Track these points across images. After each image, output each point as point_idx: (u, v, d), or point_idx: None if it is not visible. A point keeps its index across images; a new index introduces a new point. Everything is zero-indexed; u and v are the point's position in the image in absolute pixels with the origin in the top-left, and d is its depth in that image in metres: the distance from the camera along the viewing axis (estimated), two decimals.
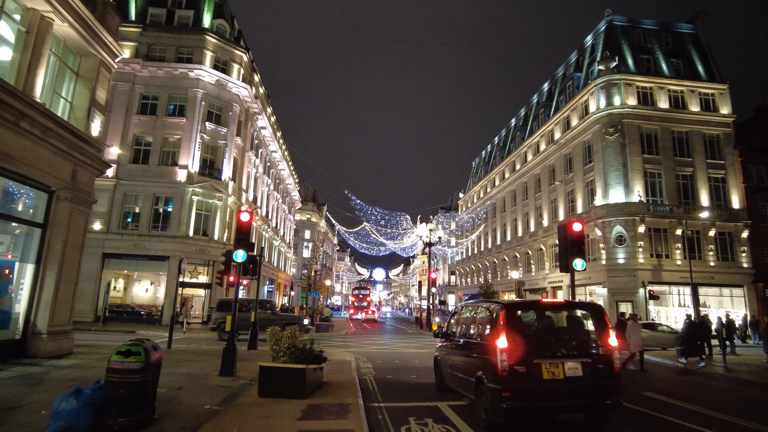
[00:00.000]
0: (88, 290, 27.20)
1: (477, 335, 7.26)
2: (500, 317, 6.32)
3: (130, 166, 29.22)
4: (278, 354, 8.18)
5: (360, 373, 11.36)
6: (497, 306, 6.71)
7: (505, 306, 6.52)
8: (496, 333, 6.27)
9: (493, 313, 6.66)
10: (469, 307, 8.51)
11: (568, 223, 11.45)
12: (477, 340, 7.13)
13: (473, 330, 7.57)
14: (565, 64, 44.57)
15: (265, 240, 42.90)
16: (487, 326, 6.80)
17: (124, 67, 29.83)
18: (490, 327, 6.61)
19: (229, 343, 10.13)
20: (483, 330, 7.02)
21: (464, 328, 8.18)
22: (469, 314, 8.23)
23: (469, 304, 8.71)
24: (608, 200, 32.68)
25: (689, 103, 34.44)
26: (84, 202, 11.95)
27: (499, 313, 6.45)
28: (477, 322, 7.52)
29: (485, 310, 7.23)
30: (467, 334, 7.83)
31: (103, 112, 12.91)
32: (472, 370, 6.97)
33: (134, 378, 5.53)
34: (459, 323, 8.62)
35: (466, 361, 7.49)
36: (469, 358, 7.35)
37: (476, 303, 8.33)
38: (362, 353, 16.09)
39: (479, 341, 6.99)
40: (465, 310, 8.68)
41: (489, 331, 6.63)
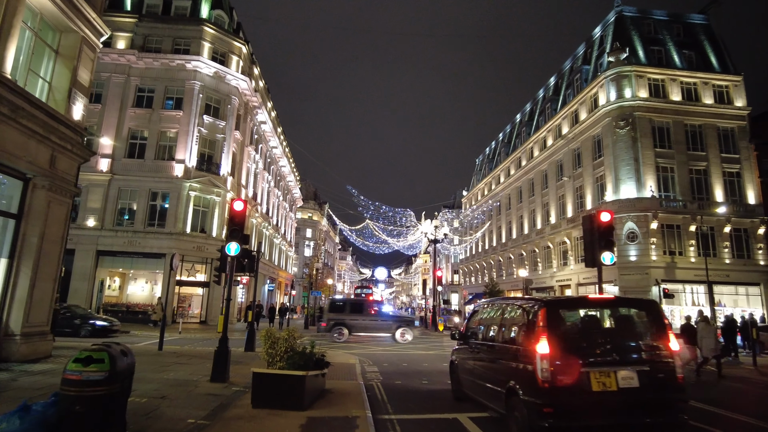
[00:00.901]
0: (82, 289, 26.31)
1: (507, 338, 6.23)
2: (539, 317, 5.29)
3: (125, 161, 28.25)
4: (274, 359, 7.17)
5: (366, 379, 10.35)
6: (535, 304, 5.68)
7: (545, 304, 5.49)
8: (534, 336, 5.25)
9: (530, 313, 5.63)
10: (494, 305, 7.47)
11: (595, 212, 10.40)
12: (507, 345, 6.10)
13: (501, 332, 6.53)
14: (572, 57, 43.46)
15: (266, 237, 41.91)
16: (522, 328, 5.78)
17: (119, 58, 28.95)
18: (526, 329, 5.59)
19: (220, 345, 9.13)
20: (516, 332, 6.00)
21: (488, 329, 7.15)
22: (494, 314, 7.19)
23: (495, 302, 7.67)
24: (619, 195, 31.59)
25: (702, 95, 33.32)
26: (64, 192, 10.95)
27: (537, 312, 5.42)
28: (506, 322, 6.49)
29: (518, 308, 6.20)
30: (493, 336, 6.81)
31: (86, 94, 11.89)
32: (502, 379, 5.95)
33: (96, 391, 4.51)
34: (481, 324, 7.58)
35: (492, 368, 6.47)
36: (496, 365, 6.33)
37: (504, 300, 7.29)
38: (367, 355, 15.09)
39: (511, 345, 5.96)
40: (488, 309, 7.65)
41: (524, 334, 5.61)
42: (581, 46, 41.97)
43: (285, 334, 7.37)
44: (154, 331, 22.86)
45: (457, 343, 8.75)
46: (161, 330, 14.21)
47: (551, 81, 47.16)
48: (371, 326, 21.53)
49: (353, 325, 21.37)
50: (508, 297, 7.43)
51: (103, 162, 27.77)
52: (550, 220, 41.11)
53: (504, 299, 7.26)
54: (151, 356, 12.23)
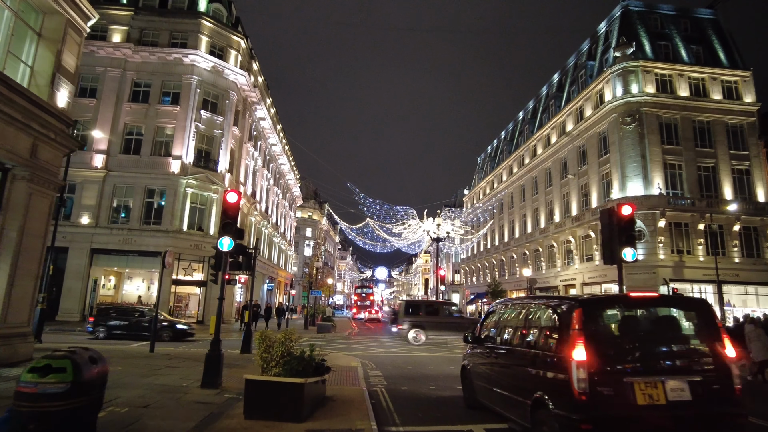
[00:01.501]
0: (76, 288, 25.64)
1: (533, 343, 5.53)
2: (574, 319, 4.60)
3: (120, 157, 27.54)
4: (269, 364, 6.47)
5: (369, 384, 9.65)
6: (568, 303, 4.99)
7: (581, 303, 4.80)
8: (568, 340, 4.56)
9: (562, 314, 4.94)
10: (515, 305, 6.77)
11: (615, 205, 9.71)
12: (533, 350, 5.40)
13: (525, 335, 5.83)
14: (576, 53, 42.77)
15: (265, 236, 41.22)
16: (552, 331, 5.09)
17: (114, 52, 28.26)
18: (558, 332, 4.90)
19: (212, 348, 8.44)
20: (544, 336, 5.30)
21: (508, 332, 6.46)
22: (515, 315, 6.49)
23: (515, 302, 6.97)
24: (626, 193, 30.88)
25: (711, 91, 32.63)
26: (47, 183, 10.25)
27: (571, 313, 4.73)
28: (531, 325, 5.79)
29: (546, 309, 5.51)
30: (515, 340, 6.11)
31: (72, 81, 11.20)
32: (526, 388, 5.26)
33: (54, 406, 3.83)
34: (498, 326, 6.89)
35: (514, 376, 5.78)
36: (519, 372, 5.64)
37: (527, 300, 6.58)
38: (369, 357, 14.39)
39: (538, 351, 5.27)
40: (507, 309, 6.95)
41: (555, 338, 4.92)
42: (586, 42, 41.28)
43: (281, 336, 6.68)
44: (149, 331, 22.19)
45: (470, 347, 8.07)
46: (153, 330, 13.51)
47: (555, 78, 46.46)
48: (446, 327, 21.10)
49: (430, 326, 20.96)
50: (531, 296, 6.76)
51: (98, 158, 27.07)
52: (554, 219, 40.42)
53: (527, 299, 6.58)
54: (140, 359, 11.55)
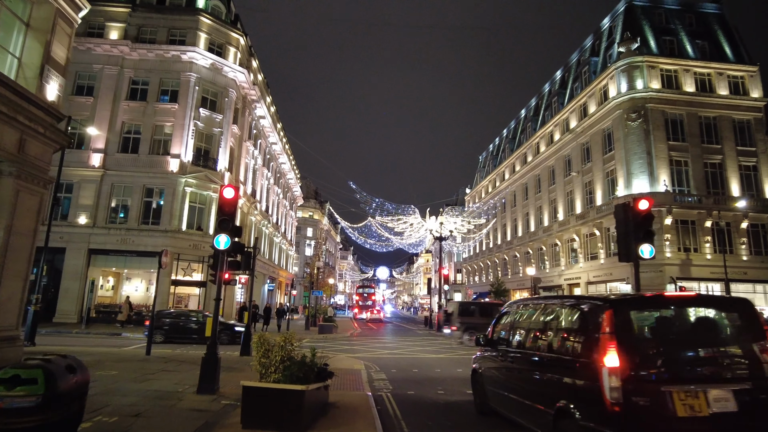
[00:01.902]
0: (73, 289, 25.24)
1: (555, 346, 5.09)
2: (605, 321, 4.17)
3: (118, 156, 27.12)
4: (268, 369, 6.04)
5: (374, 388, 9.22)
6: (598, 304, 4.55)
7: (612, 304, 4.37)
8: (599, 344, 4.13)
9: (591, 316, 4.51)
10: (532, 306, 6.32)
11: (631, 200, 9.28)
12: (556, 354, 4.96)
13: (546, 338, 5.39)
14: (579, 49, 42.28)
15: (265, 236, 40.79)
16: (579, 333, 4.66)
17: (111, 49, 27.85)
18: (586, 335, 4.47)
19: (208, 351, 8.00)
20: (569, 339, 4.87)
21: (525, 335, 6.01)
22: (533, 316, 6.05)
23: (533, 302, 6.52)
24: (631, 190, 30.39)
25: (717, 86, 32.14)
26: (36, 180, 9.81)
27: (601, 314, 4.29)
28: (553, 327, 5.34)
29: (571, 309, 5.07)
30: (533, 343, 5.67)
31: (62, 73, 10.74)
32: (548, 396, 4.82)
33: (24, 422, 3.40)
34: (514, 328, 6.44)
35: (533, 382, 5.34)
36: (539, 379, 5.20)
37: (546, 300, 6.12)
38: (372, 360, 13.95)
39: (562, 356, 4.82)
40: (524, 310, 6.50)
41: (582, 341, 4.49)
42: (589, 38, 40.81)
43: (281, 340, 6.24)
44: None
45: (481, 349, 7.64)
46: (149, 332, 13.09)
47: (557, 74, 45.99)
48: None
49: (484, 329, 20.62)
50: (551, 296, 6.32)
51: (95, 157, 26.66)
52: (558, 217, 39.97)
53: (546, 299, 6.13)
54: (135, 362, 11.12)
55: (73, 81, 27.68)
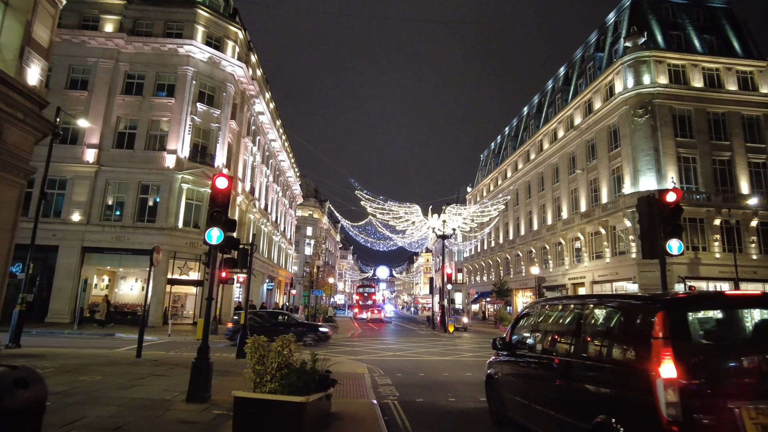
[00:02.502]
0: (66, 288, 24.54)
1: (593, 351, 4.41)
2: (657, 324, 3.53)
3: (113, 151, 26.43)
4: (263, 378, 5.36)
5: (379, 395, 8.54)
6: (648, 303, 3.89)
7: (665, 304, 3.71)
8: (651, 352, 3.49)
9: (638, 316, 3.85)
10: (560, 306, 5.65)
11: (658, 192, 8.62)
12: (595, 361, 4.28)
13: (581, 342, 4.70)
14: (583, 45, 41.60)
15: (264, 234, 40.12)
16: (623, 337, 4.00)
17: (106, 42, 27.15)
18: (633, 339, 3.82)
19: (199, 356, 7.32)
20: (610, 343, 4.19)
21: (553, 337, 5.34)
22: (563, 317, 5.37)
23: (561, 302, 5.84)
24: (638, 188, 29.74)
25: (726, 81, 31.47)
26: (15, 170, 9.11)
27: (652, 316, 3.64)
28: (589, 330, 4.67)
29: (614, 309, 4.40)
30: (563, 348, 4.99)
31: (45, 57, 10.05)
32: (584, 408, 4.17)
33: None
34: (538, 330, 5.76)
35: (563, 391, 4.67)
36: (571, 388, 4.53)
37: (580, 299, 5.43)
38: (375, 362, 13.28)
39: (602, 363, 4.15)
40: (551, 310, 5.82)
41: (629, 347, 3.85)
42: (593, 34, 40.14)
43: (278, 344, 5.56)
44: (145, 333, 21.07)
45: (496, 353, 6.97)
46: (140, 333, 12.41)
47: (561, 71, 45.31)
48: None
49: None
50: (585, 295, 5.60)
51: (90, 152, 25.97)
52: (562, 216, 39.30)
53: (579, 298, 5.46)
54: (124, 366, 10.44)
55: (66, 75, 27.04)
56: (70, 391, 7.45)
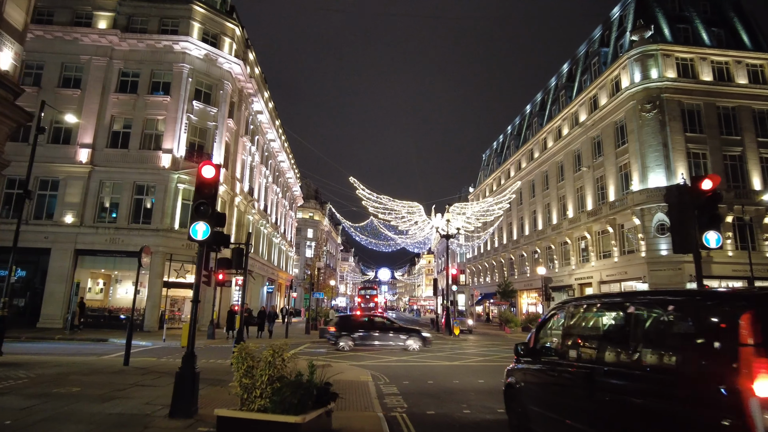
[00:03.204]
0: (59, 292, 23.78)
1: (649, 361, 3.61)
2: (745, 326, 2.77)
3: (107, 151, 25.70)
4: (251, 393, 4.56)
5: (385, 406, 7.73)
6: (728, 301, 3.12)
7: (754, 300, 2.94)
8: (739, 363, 2.73)
9: (714, 316, 3.08)
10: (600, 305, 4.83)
11: (691, 179, 7.82)
12: (654, 373, 3.48)
13: (630, 349, 3.88)
14: (587, 41, 40.86)
15: (264, 236, 39.35)
16: (693, 344, 3.21)
17: (99, 39, 26.47)
18: (706, 346, 3.04)
19: (183, 365, 6.53)
20: (675, 351, 3.40)
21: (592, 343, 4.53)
22: (605, 318, 4.56)
23: (603, 299, 5.02)
24: (647, 185, 28.94)
25: (735, 75, 30.67)
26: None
27: (736, 317, 2.86)
28: (643, 333, 3.86)
29: (680, 308, 3.60)
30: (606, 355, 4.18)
31: (19, 40, 9.31)
32: (637, 429, 3.34)
33: None
34: (572, 334, 4.96)
35: (608, 405, 3.86)
36: (619, 403, 3.72)
37: (628, 297, 4.60)
38: (380, 369, 12.46)
39: (663, 375, 3.35)
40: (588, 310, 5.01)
41: (702, 356, 3.06)
42: (598, 29, 39.41)
43: (268, 354, 4.76)
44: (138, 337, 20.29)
45: (516, 359, 6.17)
46: (127, 339, 11.60)
47: (564, 67, 44.57)
48: None
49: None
50: (634, 292, 4.69)
51: (83, 152, 25.24)
52: (568, 214, 38.47)
53: (625, 296, 4.66)
54: (108, 375, 9.64)
55: (59, 73, 26.36)
56: (38, 406, 6.67)
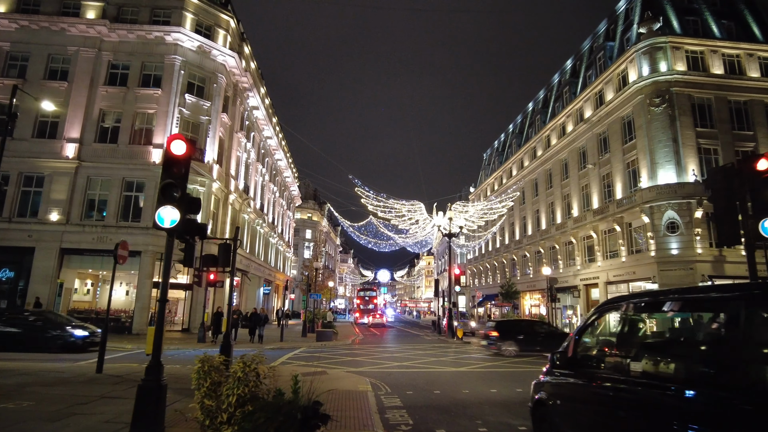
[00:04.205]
0: (43, 293, 22.64)
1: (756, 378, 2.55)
2: None
3: (95, 146, 24.65)
4: (215, 419, 3.48)
5: (387, 423, 6.65)
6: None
7: None
8: None
9: None
10: (679, 301, 3.71)
11: (747, 159, 6.76)
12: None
13: (729, 362, 2.80)
14: (592, 36, 39.85)
15: (260, 236, 38.27)
16: None
17: (87, 30, 25.46)
18: None
19: (148, 377, 5.44)
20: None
21: (661, 352, 3.46)
22: (680, 321, 3.49)
23: (672, 296, 3.85)
24: (656, 181, 27.91)
25: (747, 68, 29.66)
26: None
27: None
28: (758, 343, 2.79)
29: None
30: (687, 369, 3.11)
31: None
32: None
33: None
34: (629, 342, 3.88)
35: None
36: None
37: (721, 291, 3.42)
38: (380, 375, 11.37)
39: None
40: (651, 310, 3.91)
41: None
42: (602, 23, 38.40)
43: (239, 366, 3.68)
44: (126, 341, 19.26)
45: (546, 370, 5.11)
46: (101, 344, 10.53)
47: (568, 64, 43.56)
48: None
49: None
50: (718, 286, 3.57)
51: (69, 147, 24.19)
52: (573, 213, 37.39)
53: (708, 290, 3.56)
54: (74, 385, 8.56)
55: (45, 64, 25.32)
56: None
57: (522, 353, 16.82)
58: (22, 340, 14.71)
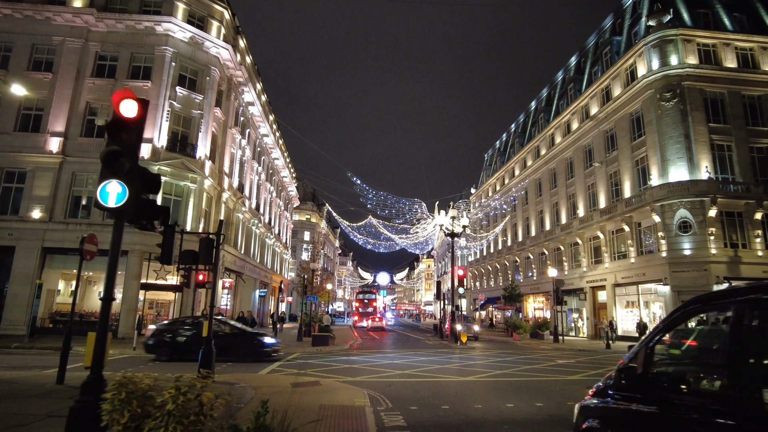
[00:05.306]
0: (23, 295, 21.41)
1: None
2: None
3: (81, 140, 23.48)
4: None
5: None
6: None
7: None
8: None
9: None
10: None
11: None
12: None
13: None
14: (597, 31, 38.80)
15: (256, 236, 37.05)
16: None
17: (74, 19, 24.35)
18: None
19: (84, 395, 4.26)
20: None
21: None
22: None
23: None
24: (668, 179, 26.79)
25: (761, 61, 28.61)
26: None
27: None
28: None
29: None
30: None
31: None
32: None
33: None
34: (739, 361, 2.68)
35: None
36: None
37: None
38: (380, 386, 10.15)
39: None
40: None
41: None
42: (608, 18, 37.37)
43: (171, 393, 2.48)
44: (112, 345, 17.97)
45: (598, 390, 3.93)
46: (63, 351, 9.33)
47: (572, 60, 42.51)
48: None
49: None
50: None
51: (53, 141, 23.01)
52: (578, 213, 36.26)
53: None
54: (26, 399, 7.35)
55: (29, 55, 24.18)
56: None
57: None
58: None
